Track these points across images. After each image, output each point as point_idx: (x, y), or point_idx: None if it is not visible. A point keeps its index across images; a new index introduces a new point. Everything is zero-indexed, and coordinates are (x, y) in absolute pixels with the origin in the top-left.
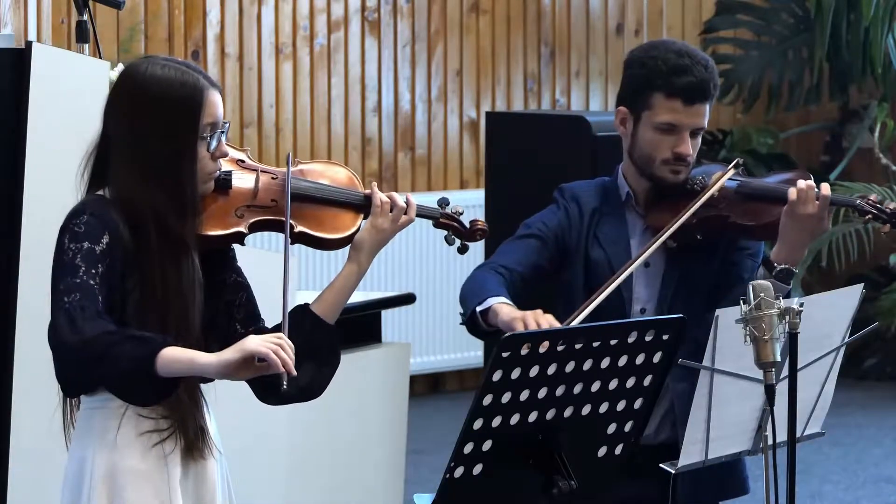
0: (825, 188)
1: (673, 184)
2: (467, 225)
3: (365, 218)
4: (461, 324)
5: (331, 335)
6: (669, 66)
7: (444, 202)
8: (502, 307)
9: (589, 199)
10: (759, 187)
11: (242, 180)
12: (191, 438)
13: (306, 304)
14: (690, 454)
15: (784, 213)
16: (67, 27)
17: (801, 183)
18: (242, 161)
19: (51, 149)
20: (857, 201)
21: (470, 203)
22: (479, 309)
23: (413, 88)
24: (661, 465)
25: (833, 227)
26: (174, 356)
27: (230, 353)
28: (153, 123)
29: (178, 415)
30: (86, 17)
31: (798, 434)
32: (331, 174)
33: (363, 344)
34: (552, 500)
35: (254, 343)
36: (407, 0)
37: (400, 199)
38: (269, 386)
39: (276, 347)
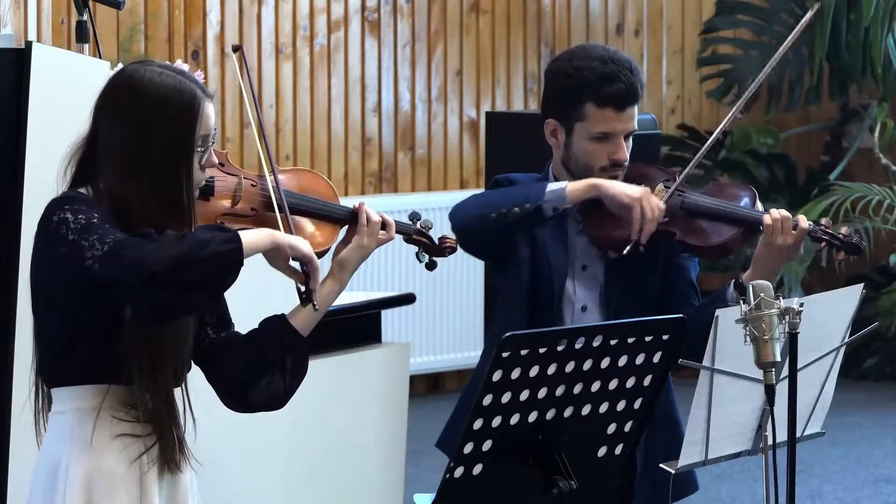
0: (803, 221)
1: None
2: (436, 241)
3: (341, 229)
4: (478, 229)
5: (305, 349)
6: (597, 74)
7: (415, 216)
8: (601, 180)
9: None
10: (716, 208)
11: (223, 186)
12: (168, 450)
13: (283, 316)
14: (690, 454)
15: (761, 242)
16: (67, 27)
17: (776, 213)
18: (221, 164)
19: (51, 149)
20: (811, 227)
21: None
22: (558, 187)
23: (413, 88)
24: (660, 465)
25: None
26: (254, 234)
27: (304, 246)
28: (150, 132)
29: (157, 426)
30: (86, 17)
31: (798, 434)
32: (310, 184)
33: (363, 344)
34: (552, 500)
35: (311, 250)
36: (407, 0)
37: (387, 218)
38: (236, 392)
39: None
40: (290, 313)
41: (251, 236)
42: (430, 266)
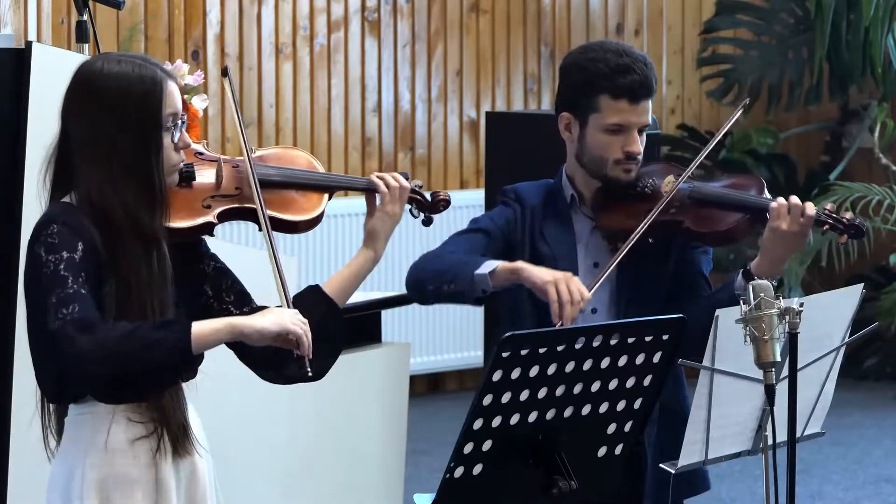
0: (810, 208)
1: (626, 183)
2: (430, 197)
3: (331, 198)
4: (421, 297)
5: (341, 319)
6: (611, 66)
7: (404, 177)
8: (524, 265)
9: (533, 198)
10: (723, 195)
11: (205, 171)
12: (175, 436)
13: (318, 286)
14: (690, 454)
15: (767, 227)
16: (67, 27)
17: (782, 200)
18: (201, 153)
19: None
20: (816, 213)
21: (470, 203)
22: (484, 271)
23: (413, 88)
24: (660, 465)
25: None
26: (209, 327)
27: (269, 324)
28: (116, 120)
29: (162, 414)
30: (86, 17)
31: (798, 434)
32: (289, 159)
33: (363, 344)
34: (552, 500)
35: (290, 320)
36: (407, 0)
37: (401, 179)
38: (273, 367)
39: (305, 330)
40: (326, 283)
41: (206, 331)
42: (427, 222)
